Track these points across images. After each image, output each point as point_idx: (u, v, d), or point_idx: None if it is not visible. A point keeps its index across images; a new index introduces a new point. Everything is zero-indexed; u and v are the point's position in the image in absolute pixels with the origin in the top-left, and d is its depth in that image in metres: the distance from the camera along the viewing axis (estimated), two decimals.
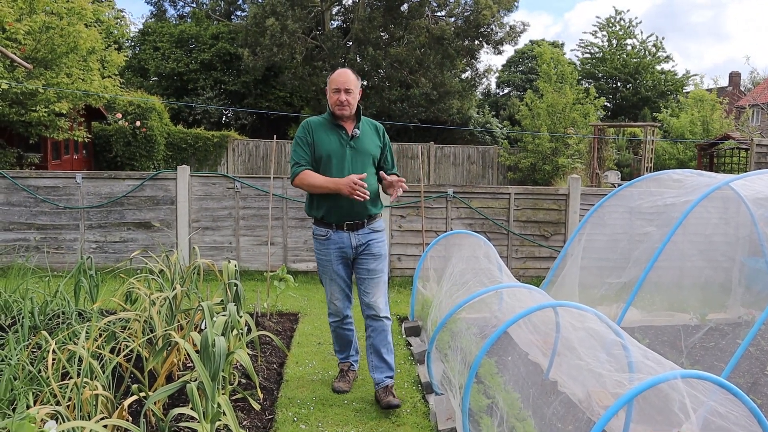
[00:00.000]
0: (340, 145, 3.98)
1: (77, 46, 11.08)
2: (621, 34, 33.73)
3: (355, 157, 3.98)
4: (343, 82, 3.95)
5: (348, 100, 3.95)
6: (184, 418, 3.35)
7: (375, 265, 4.08)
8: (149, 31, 27.84)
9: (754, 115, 27.18)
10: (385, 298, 4.13)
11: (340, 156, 3.96)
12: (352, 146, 3.99)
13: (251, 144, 21.19)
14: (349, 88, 3.95)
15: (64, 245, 7.89)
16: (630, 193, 5.83)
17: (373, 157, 4.07)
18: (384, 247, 4.16)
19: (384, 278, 4.14)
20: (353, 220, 4.00)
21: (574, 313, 3.33)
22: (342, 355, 4.40)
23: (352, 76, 4.00)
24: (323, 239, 4.06)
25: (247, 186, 8.01)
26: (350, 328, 4.32)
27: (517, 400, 3.72)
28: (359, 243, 4.03)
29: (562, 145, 19.74)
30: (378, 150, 4.11)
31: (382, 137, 4.15)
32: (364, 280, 4.09)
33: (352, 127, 4.04)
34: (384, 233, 4.20)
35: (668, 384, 2.43)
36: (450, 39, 23.32)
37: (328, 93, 4.02)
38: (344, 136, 4.00)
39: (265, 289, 6.53)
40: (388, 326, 4.11)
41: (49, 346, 3.19)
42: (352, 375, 4.37)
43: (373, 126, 4.17)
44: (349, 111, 3.98)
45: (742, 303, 6.07)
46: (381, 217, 4.18)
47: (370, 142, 4.07)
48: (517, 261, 8.22)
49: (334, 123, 4.03)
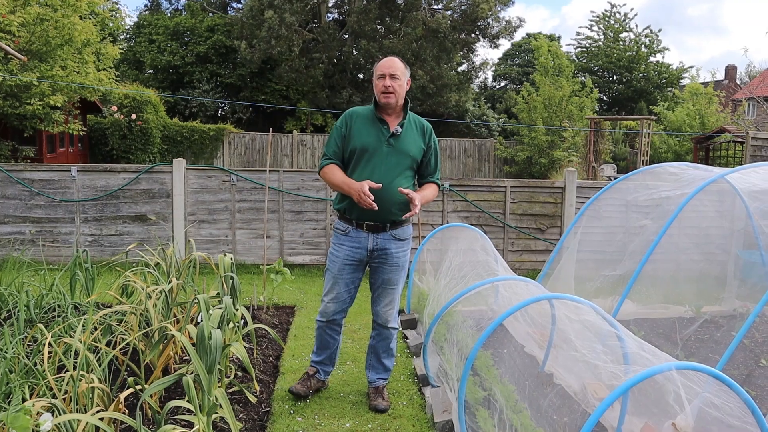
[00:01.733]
0: (378, 141, 3.69)
1: (72, 38, 11.03)
2: (617, 27, 33.71)
3: (392, 156, 3.69)
4: (388, 66, 3.67)
5: (393, 87, 3.65)
6: (181, 411, 3.35)
7: (392, 275, 3.85)
8: (144, 24, 27.73)
9: (750, 108, 27.23)
10: (397, 309, 3.98)
11: (377, 152, 3.68)
12: (391, 144, 3.70)
13: (247, 137, 21.16)
14: (395, 74, 3.66)
15: (60, 238, 7.87)
16: (626, 186, 5.84)
17: (413, 158, 3.75)
18: (405, 259, 3.88)
19: (399, 290, 3.93)
20: (374, 222, 3.74)
21: (570, 306, 3.34)
22: (316, 358, 4.08)
23: (399, 63, 3.72)
24: (341, 233, 3.84)
25: (243, 179, 7.99)
26: (334, 335, 4.03)
27: (513, 392, 3.73)
28: (376, 247, 3.78)
29: (558, 139, 19.74)
30: (420, 152, 3.78)
31: (427, 139, 3.83)
32: (378, 288, 3.91)
33: (396, 123, 3.75)
34: (408, 243, 3.89)
35: (663, 375, 2.44)
36: (446, 32, 23.29)
37: (374, 81, 3.74)
38: (385, 131, 3.71)
39: (262, 282, 6.53)
40: (393, 335, 4.02)
41: (45, 339, 3.19)
42: (314, 382, 4.03)
43: (420, 125, 3.84)
44: (395, 100, 3.68)
45: (737, 295, 6.10)
46: (409, 223, 3.90)
47: (412, 143, 3.75)
48: (513, 254, 8.23)
49: (377, 116, 3.74)
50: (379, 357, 4.05)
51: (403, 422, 3.73)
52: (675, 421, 3.05)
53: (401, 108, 3.79)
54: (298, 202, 8.05)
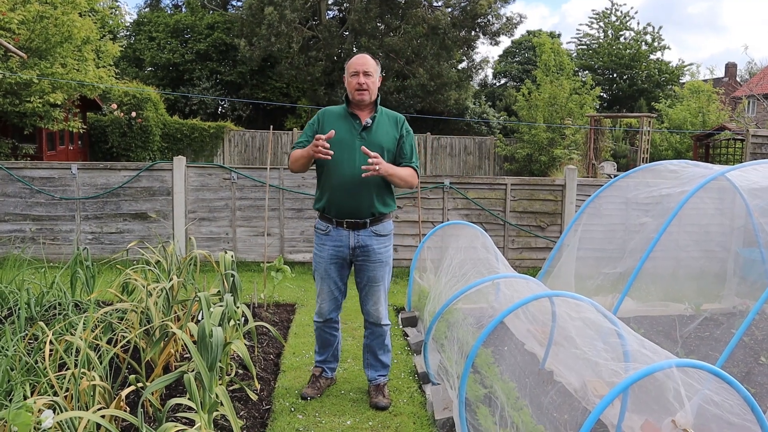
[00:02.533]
0: (350, 135, 3.74)
1: (72, 35, 11.01)
2: (617, 25, 33.66)
3: (367, 148, 3.69)
4: (361, 64, 3.75)
5: (367, 84, 3.73)
6: (182, 409, 3.36)
7: (376, 272, 3.88)
8: (144, 21, 27.68)
9: (750, 105, 27.21)
10: (386, 305, 4.00)
11: (349, 146, 3.71)
12: (363, 137, 3.75)
13: (247, 135, 21.14)
14: (369, 71, 3.74)
15: (60, 236, 7.87)
16: (626, 184, 5.84)
17: (387, 149, 3.77)
18: (387, 254, 3.91)
19: (385, 285, 3.96)
20: (354, 218, 3.77)
21: (571, 303, 3.34)
22: (319, 357, 4.16)
23: (371, 59, 3.80)
24: (322, 233, 3.89)
25: (244, 177, 7.99)
26: (333, 333, 4.09)
27: (513, 390, 3.74)
28: (358, 244, 3.81)
29: (558, 136, 19.73)
30: (393, 143, 3.82)
31: (400, 128, 3.88)
32: (364, 287, 3.93)
33: (367, 116, 3.81)
34: (390, 239, 3.93)
35: (663, 373, 2.44)
36: (446, 29, 23.23)
37: (346, 79, 3.81)
38: (356, 125, 3.78)
39: (262, 280, 6.54)
40: (386, 331, 4.03)
41: (46, 337, 3.19)
42: (323, 382, 4.12)
43: (393, 117, 3.91)
44: (368, 96, 3.76)
45: (737, 293, 6.10)
46: (389, 218, 3.92)
47: (385, 134, 3.80)
48: (514, 252, 8.23)
49: (348, 112, 3.81)
50: (376, 354, 4.06)
51: (404, 420, 3.74)
52: (675, 418, 3.06)
53: (373, 103, 3.85)
54: (299, 199, 8.05)
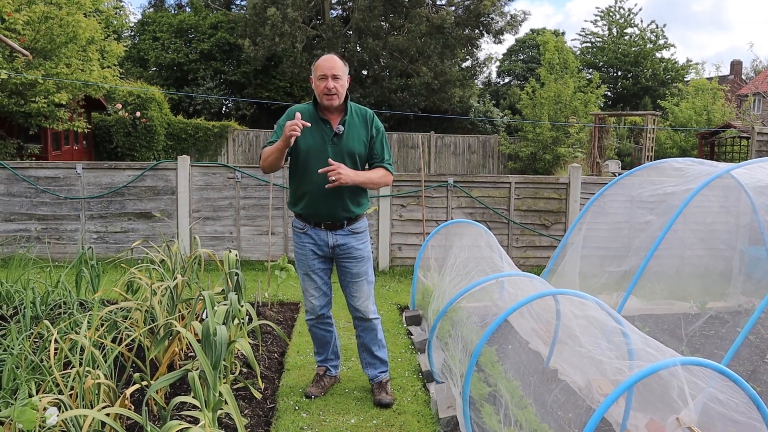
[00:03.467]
0: (321, 142, 3.66)
1: (76, 36, 11.04)
2: (621, 23, 33.59)
3: (337, 156, 3.64)
4: (329, 67, 3.58)
5: (336, 87, 3.58)
6: (186, 407, 3.37)
7: (357, 268, 3.86)
8: (148, 21, 27.75)
9: (756, 103, 27.10)
10: (372, 299, 3.97)
11: (322, 155, 3.63)
12: (335, 143, 3.67)
13: (251, 134, 21.16)
14: (337, 74, 3.59)
15: (65, 236, 7.89)
16: (631, 182, 5.82)
17: (359, 155, 3.72)
18: (366, 249, 3.89)
19: (369, 279, 3.94)
20: (331, 221, 3.76)
21: (575, 302, 3.33)
22: (319, 358, 4.14)
23: (339, 61, 3.64)
24: (300, 232, 3.85)
25: (248, 176, 8.00)
26: (328, 329, 4.05)
27: (518, 388, 3.73)
28: (337, 243, 3.79)
29: (562, 134, 19.69)
30: (363, 147, 3.75)
31: (370, 127, 3.78)
32: (348, 283, 3.91)
33: (337, 120, 3.71)
34: (366, 234, 3.92)
35: (668, 371, 2.44)
36: (450, 28, 23.22)
37: (314, 81, 3.66)
38: (328, 131, 3.67)
39: (266, 279, 6.54)
40: (377, 325, 4.00)
41: (51, 336, 3.20)
42: (327, 380, 4.10)
43: (362, 116, 3.79)
44: (337, 100, 3.63)
45: (743, 291, 6.08)
46: (363, 217, 3.91)
47: (356, 139, 3.72)
48: (518, 250, 8.22)
49: (319, 116, 3.69)
50: (372, 351, 4.03)
51: (408, 418, 3.74)
52: (679, 416, 3.05)
53: (343, 104, 3.73)
54: None
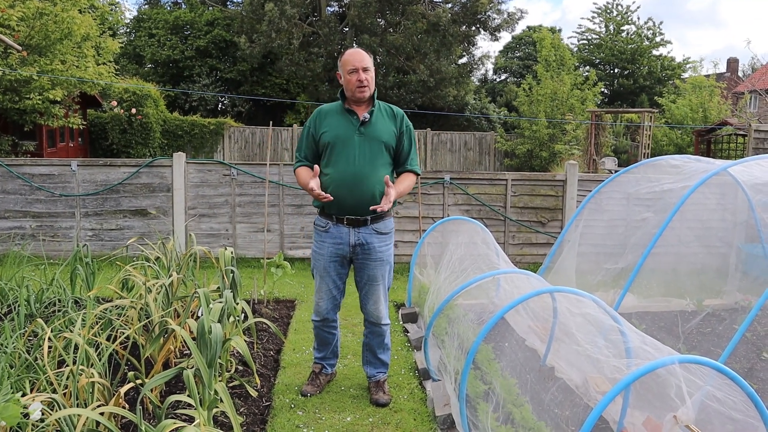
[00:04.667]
0: (348, 131, 3.68)
1: (71, 32, 10.98)
2: (619, 20, 33.59)
3: (365, 144, 3.66)
4: (359, 60, 3.64)
5: (367, 80, 3.64)
6: (181, 405, 3.35)
7: (376, 271, 3.80)
8: (144, 18, 27.64)
9: (752, 100, 27.14)
10: (386, 304, 3.95)
11: (349, 143, 3.65)
12: (362, 132, 3.67)
13: (247, 131, 21.11)
14: (367, 66, 3.65)
15: (60, 233, 7.86)
16: (627, 179, 5.81)
17: (386, 144, 3.71)
18: (388, 252, 3.84)
19: (385, 284, 3.90)
20: (355, 215, 3.69)
21: (572, 299, 3.32)
22: (318, 354, 4.11)
23: (366, 54, 3.70)
24: (321, 230, 3.81)
25: (244, 173, 7.97)
26: (332, 332, 4.03)
27: (514, 386, 3.72)
28: (358, 242, 3.73)
29: (559, 132, 19.69)
30: (393, 138, 3.74)
31: (399, 123, 3.79)
32: (364, 285, 3.87)
33: (364, 111, 3.73)
34: (391, 237, 3.85)
35: (666, 369, 2.43)
36: (447, 25, 23.16)
37: (343, 76, 3.70)
38: (354, 121, 3.70)
39: (262, 276, 6.53)
40: (386, 331, 3.99)
41: (45, 334, 3.18)
42: (323, 378, 4.08)
43: (390, 111, 3.81)
44: (368, 92, 3.67)
45: (739, 288, 6.08)
46: (390, 216, 3.85)
47: (384, 129, 3.72)
48: (514, 247, 8.21)
49: (345, 108, 3.73)
50: (375, 353, 4.03)
51: (404, 416, 3.73)
52: (677, 414, 3.04)
53: (370, 98, 3.76)
54: (299, 195, 8.03)
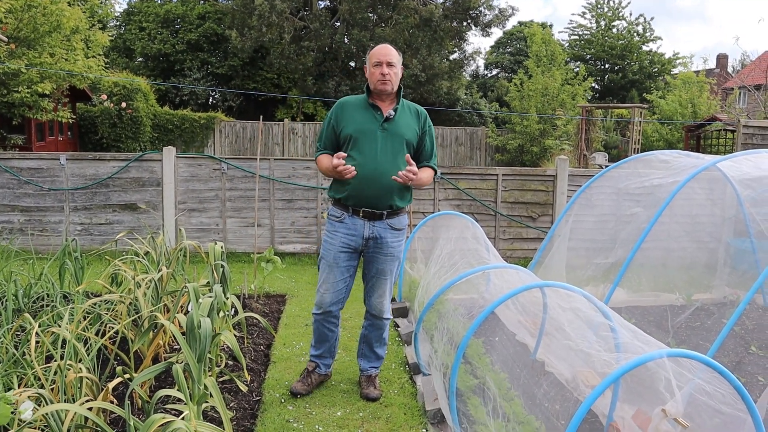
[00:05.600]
0: (371, 125, 3.68)
1: (60, 25, 10.87)
2: (610, 15, 33.65)
3: (387, 140, 3.66)
4: (384, 54, 3.67)
5: (390, 74, 3.65)
6: (171, 400, 3.33)
7: (386, 266, 3.81)
8: (134, 11, 27.42)
9: (741, 96, 27.30)
10: (390, 298, 3.96)
11: (371, 137, 3.65)
12: (385, 128, 3.67)
13: (238, 125, 21.02)
14: (392, 62, 3.67)
15: (49, 227, 7.80)
16: (618, 174, 5.83)
17: (408, 142, 3.72)
18: (399, 248, 3.85)
19: (392, 278, 3.90)
20: (372, 209, 3.69)
21: (562, 294, 3.33)
22: (314, 352, 4.02)
23: (394, 50, 3.73)
24: (335, 220, 3.78)
25: (234, 167, 7.94)
26: (332, 328, 3.96)
27: (504, 380, 3.73)
28: (372, 236, 3.73)
29: (549, 127, 19.73)
30: (415, 136, 3.76)
31: (422, 123, 3.82)
32: (371, 278, 3.86)
33: (389, 108, 3.74)
34: (403, 233, 3.87)
35: (655, 363, 2.44)
36: (438, 20, 23.15)
37: (368, 69, 3.73)
38: (378, 116, 3.69)
39: (252, 271, 6.51)
40: (386, 325, 4.00)
41: (33, 329, 3.15)
42: (315, 377, 3.99)
43: (414, 110, 3.84)
44: (391, 87, 3.68)
45: (728, 283, 6.12)
46: (405, 213, 3.88)
47: (407, 126, 3.73)
48: (505, 242, 8.23)
49: (369, 102, 3.73)
50: (372, 346, 4.03)
51: (395, 410, 3.73)
52: (665, 408, 3.06)
53: (395, 94, 3.77)
54: (289, 190, 8.01)
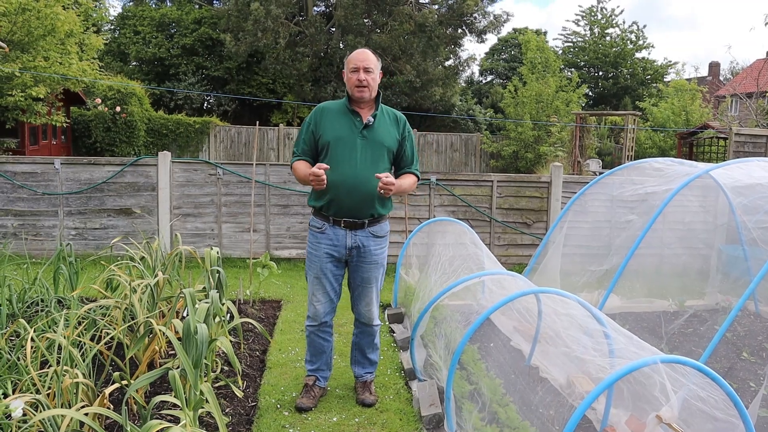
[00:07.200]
0: (350, 133, 3.62)
1: (55, 28, 10.87)
2: (603, 23, 33.88)
3: (367, 148, 3.60)
4: (362, 59, 3.61)
5: (368, 80, 3.59)
6: (167, 406, 3.33)
7: (371, 273, 3.79)
8: (129, 15, 27.36)
9: (733, 104, 27.47)
10: (377, 305, 3.95)
11: (350, 145, 3.59)
12: (365, 135, 3.62)
13: (233, 130, 21.00)
14: (369, 67, 3.61)
15: (43, 232, 7.78)
16: (612, 182, 5.88)
17: (388, 149, 3.67)
18: (383, 256, 3.82)
19: (378, 285, 3.89)
20: (353, 218, 3.65)
21: (557, 300, 3.35)
22: (311, 366, 3.97)
23: (372, 55, 3.66)
24: (317, 231, 3.73)
25: (230, 172, 7.94)
26: (327, 338, 3.93)
27: (499, 386, 3.75)
28: (354, 245, 3.69)
29: (544, 133, 19.81)
30: (395, 142, 3.71)
31: (401, 129, 3.76)
32: (357, 287, 3.84)
33: (368, 114, 3.68)
34: (386, 240, 3.83)
35: (649, 368, 2.46)
36: (433, 27, 23.23)
37: (346, 74, 3.68)
38: (357, 123, 3.64)
39: (248, 277, 6.50)
40: (377, 331, 3.99)
41: (28, 334, 3.15)
42: (317, 391, 3.93)
43: (393, 116, 3.77)
44: (368, 93, 3.62)
45: (720, 290, 6.17)
46: (386, 220, 3.83)
47: (386, 133, 3.68)
48: (500, 248, 8.26)
49: (349, 108, 3.67)
50: (365, 353, 4.03)
51: (390, 416, 3.74)
52: (660, 413, 3.08)
53: (374, 100, 3.72)
54: (285, 195, 8.02)
